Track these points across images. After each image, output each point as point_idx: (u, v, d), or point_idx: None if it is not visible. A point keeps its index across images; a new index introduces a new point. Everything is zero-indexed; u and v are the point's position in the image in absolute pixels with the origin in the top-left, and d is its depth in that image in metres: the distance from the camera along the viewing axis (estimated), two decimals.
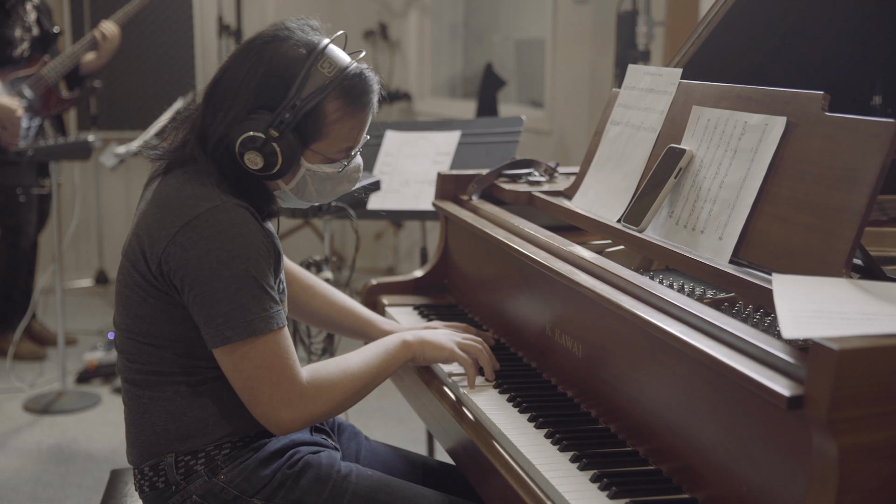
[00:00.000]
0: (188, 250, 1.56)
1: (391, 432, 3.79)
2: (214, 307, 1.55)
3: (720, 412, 1.31)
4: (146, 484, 1.67)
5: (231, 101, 1.64)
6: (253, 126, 1.62)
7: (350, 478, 1.67)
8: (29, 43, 4.42)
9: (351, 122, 1.68)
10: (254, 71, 1.63)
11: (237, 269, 1.55)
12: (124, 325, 1.67)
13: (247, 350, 1.56)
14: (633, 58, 3.74)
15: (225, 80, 1.66)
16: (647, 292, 1.50)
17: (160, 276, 1.60)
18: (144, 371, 1.66)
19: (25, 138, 4.29)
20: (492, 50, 6.00)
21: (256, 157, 1.63)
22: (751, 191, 1.54)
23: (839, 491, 1.10)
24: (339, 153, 1.70)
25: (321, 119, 1.64)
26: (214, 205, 1.58)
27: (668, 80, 1.86)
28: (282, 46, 1.65)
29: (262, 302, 1.57)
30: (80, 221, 5.78)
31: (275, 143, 1.62)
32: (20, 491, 3.35)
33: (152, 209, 1.63)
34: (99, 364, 4.40)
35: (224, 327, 1.55)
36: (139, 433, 1.68)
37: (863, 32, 2.06)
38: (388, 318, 2.29)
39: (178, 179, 1.64)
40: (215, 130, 1.64)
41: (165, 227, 1.58)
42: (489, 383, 1.81)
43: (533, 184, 2.27)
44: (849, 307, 1.21)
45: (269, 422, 1.59)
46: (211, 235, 1.56)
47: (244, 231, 1.57)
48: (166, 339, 1.64)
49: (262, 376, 1.56)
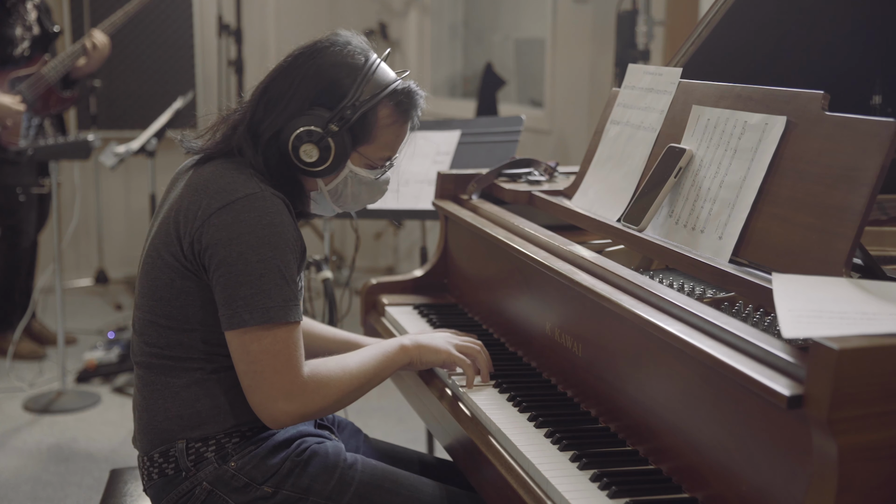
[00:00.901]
0: (221, 230, 1.60)
1: (391, 432, 3.79)
2: (237, 290, 1.59)
3: (720, 412, 1.31)
4: (155, 471, 1.68)
5: (289, 98, 1.70)
6: (312, 121, 1.69)
7: (356, 466, 1.70)
8: (29, 42, 4.42)
9: (396, 131, 1.76)
10: (313, 71, 1.70)
11: (264, 256, 1.59)
12: (147, 308, 1.69)
13: (259, 335, 1.58)
14: (632, 57, 3.74)
15: (280, 79, 1.72)
16: (647, 292, 1.50)
17: (191, 255, 1.63)
18: (162, 356, 1.68)
19: (25, 137, 4.29)
20: (492, 49, 6.00)
21: (312, 150, 1.69)
22: (751, 190, 1.54)
23: (839, 490, 1.10)
24: (380, 160, 1.78)
25: (373, 123, 1.72)
26: (252, 192, 1.63)
27: (667, 80, 1.86)
28: (342, 51, 1.72)
29: (283, 292, 1.60)
30: (79, 221, 5.78)
31: (331, 138, 1.68)
32: (20, 490, 3.35)
33: (188, 193, 1.67)
34: (99, 363, 4.40)
35: (242, 310, 1.58)
36: (151, 419, 1.69)
37: (863, 32, 2.06)
38: (388, 317, 2.29)
39: (218, 167, 1.69)
40: (270, 125, 1.70)
41: (202, 207, 1.63)
42: (489, 383, 1.81)
43: (533, 183, 2.27)
44: (849, 307, 1.21)
45: (264, 411, 1.61)
46: (245, 220, 1.60)
47: (277, 221, 1.62)
48: (189, 323, 1.66)
49: (267, 362, 1.59)
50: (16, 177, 4.42)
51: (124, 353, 4.50)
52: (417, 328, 2.17)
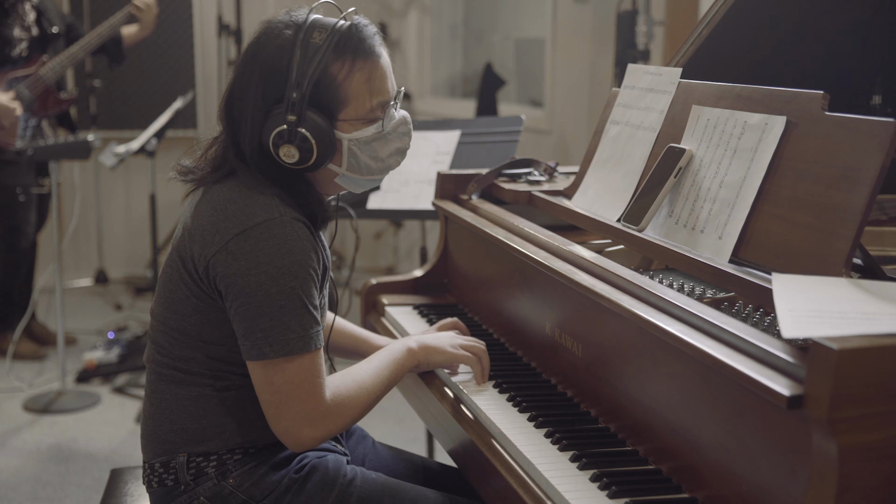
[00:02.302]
0: (238, 260, 1.54)
1: (391, 432, 3.79)
2: (256, 321, 1.54)
3: (720, 412, 1.31)
4: (155, 479, 1.68)
5: (248, 108, 1.62)
6: (274, 123, 1.60)
7: (355, 481, 1.68)
8: (28, 43, 4.42)
9: (362, 74, 1.63)
10: (252, 72, 1.63)
11: (284, 287, 1.53)
12: (162, 318, 1.67)
13: (281, 367, 1.54)
14: (632, 57, 3.74)
15: (233, 93, 1.66)
16: (647, 292, 1.50)
17: (206, 279, 1.58)
18: (173, 366, 1.65)
19: (22, 138, 4.29)
20: (492, 49, 6.00)
21: (290, 150, 1.60)
22: (750, 190, 1.54)
23: (839, 490, 1.10)
24: (372, 111, 1.65)
25: (332, 84, 1.61)
26: (272, 217, 1.56)
27: (667, 80, 1.86)
28: (269, 38, 1.63)
29: (303, 322, 1.55)
30: (79, 221, 5.79)
31: (300, 128, 1.59)
32: (20, 490, 3.35)
33: (208, 210, 1.60)
34: (98, 363, 4.40)
35: (262, 342, 1.54)
36: (157, 427, 1.67)
37: (863, 32, 2.06)
38: (388, 317, 2.29)
39: (238, 185, 1.61)
40: (246, 143, 1.63)
41: (220, 232, 1.56)
42: (489, 382, 1.81)
43: (533, 183, 2.27)
44: (849, 307, 1.21)
45: (289, 438, 1.58)
46: (264, 248, 1.54)
47: (297, 248, 1.55)
48: (201, 340, 1.63)
49: (291, 393, 1.55)
50: (16, 177, 4.42)
51: (124, 353, 4.51)
52: (417, 328, 2.17)
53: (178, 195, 1.81)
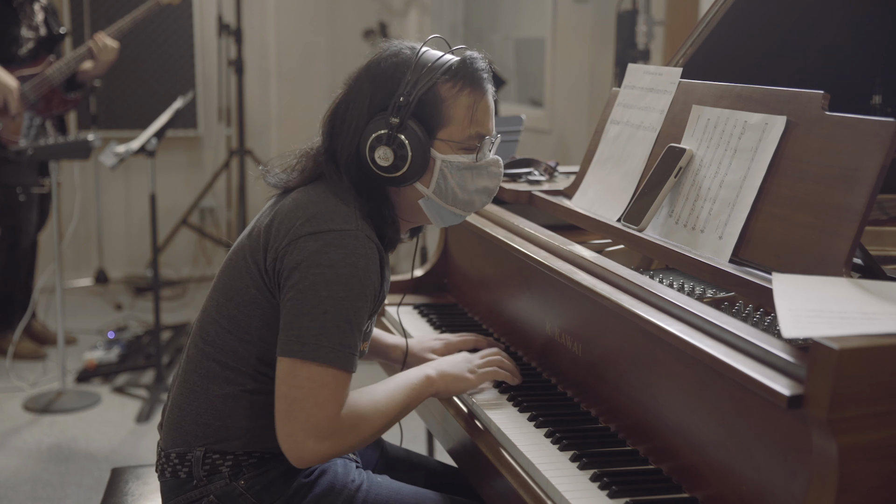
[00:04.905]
0: (303, 255, 1.55)
1: (390, 431, 3.78)
2: (298, 318, 1.53)
3: (720, 412, 1.31)
4: (168, 469, 1.67)
5: (354, 116, 1.65)
6: (376, 126, 1.63)
7: (362, 487, 1.68)
8: (34, 42, 4.42)
9: (467, 100, 1.66)
10: (364, 84, 1.66)
11: (336, 294, 1.53)
12: (215, 305, 1.67)
13: (307, 368, 1.52)
14: (632, 57, 3.74)
15: (342, 103, 1.68)
16: (647, 292, 1.50)
17: (272, 271, 1.59)
18: (214, 357, 1.65)
19: (26, 137, 4.30)
20: (492, 49, 6.00)
21: (386, 152, 1.62)
22: (751, 190, 1.54)
23: (839, 490, 1.10)
24: (470, 139, 1.68)
25: (437, 101, 1.64)
26: (348, 228, 1.57)
27: (667, 80, 1.86)
28: (386, 55, 1.67)
29: (343, 336, 1.53)
30: (79, 221, 5.79)
31: (400, 134, 1.61)
32: (20, 490, 3.35)
33: (290, 206, 1.62)
34: (99, 363, 4.40)
35: (294, 340, 1.53)
36: (181, 417, 1.67)
37: (863, 32, 2.06)
38: (388, 317, 2.29)
39: (326, 191, 1.63)
40: (345, 146, 1.65)
41: (296, 227, 1.57)
42: (489, 383, 1.81)
43: (533, 183, 2.27)
44: (849, 306, 1.21)
45: (290, 444, 1.54)
46: (330, 253, 1.54)
47: (362, 264, 1.55)
48: (248, 333, 1.63)
49: (309, 393, 1.52)
50: (16, 176, 4.42)
51: (124, 353, 4.51)
52: (418, 328, 2.17)
53: (179, 195, 1.81)
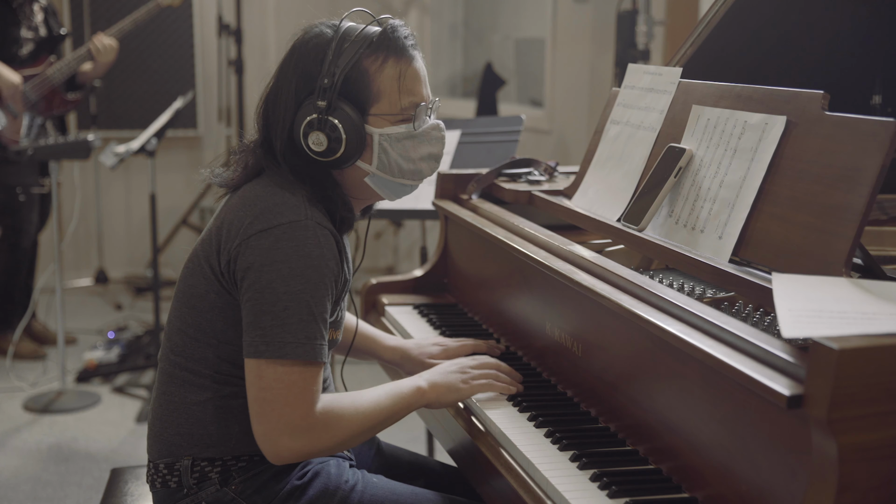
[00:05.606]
0: (256, 254, 1.54)
1: (390, 432, 3.77)
2: (259, 318, 1.52)
3: (720, 412, 1.31)
4: (158, 480, 1.67)
5: (282, 104, 1.64)
6: (305, 112, 1.62)
7: (357, 487, 1.67)
8: (34, 43, 4.43)
9: (393, 70, 1.64)
10: (288, 70, 1.65)
11: (294, 289, 1.52)
12: (178, 314, 1.66)
13: (273, 368, 1.51)
14: (632, 57, 3.74)
15: (271, 93, 1.68)
16: (647, 292, 1.50)
17: (227, 272, 1.58)
18: (184, 366, 1.64)
19: (27, 137, 4.30)
20: (492, 49, 6.00)
21: (319, 137, 1.61)
22: (750, 190, 1.54)
23: (838, 490, 1.10)
24: (404, 109, 1.65)
25: (364, 77, 1.63)
26: (297, 219, 1.55)
27: (667, 80, 1.86)
28: (307, 38, 1.66)
29: (307, 329, 1.52)
30: (79, 221, 5.78)
31: (330, 116, 1.60)
32: (20, 490, 3.35)
33: (237, 205, 1.61)
34: (99, 363, 4.40)
35: (259, 341, 1.52)
36: (163, 429, 1.66)
37: (863, 32, 2.06)
38: (387, 317, 2.29)
39: (270, 184, 1.62)
40: (278, 139, 1.64)
41: (245, 227, 1.56)
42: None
43: (533, 183, 2.27)
44: (849, 307, 1.21)
45: (266, 443, 1.53)
46: (282, 248, 1.53)
47: (316, 254, 1.54)
48: (214, 338, 1.62)
49: (279, 393, 1.51)
50: (16, 176, 4.43)
51: (124, 353, 4.51)
52: (417, 328, 2.17)
53: (179, 195, 1.81)
